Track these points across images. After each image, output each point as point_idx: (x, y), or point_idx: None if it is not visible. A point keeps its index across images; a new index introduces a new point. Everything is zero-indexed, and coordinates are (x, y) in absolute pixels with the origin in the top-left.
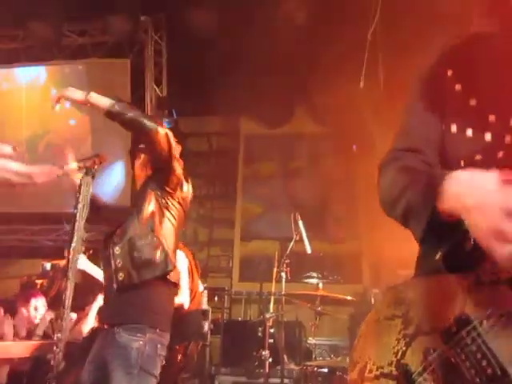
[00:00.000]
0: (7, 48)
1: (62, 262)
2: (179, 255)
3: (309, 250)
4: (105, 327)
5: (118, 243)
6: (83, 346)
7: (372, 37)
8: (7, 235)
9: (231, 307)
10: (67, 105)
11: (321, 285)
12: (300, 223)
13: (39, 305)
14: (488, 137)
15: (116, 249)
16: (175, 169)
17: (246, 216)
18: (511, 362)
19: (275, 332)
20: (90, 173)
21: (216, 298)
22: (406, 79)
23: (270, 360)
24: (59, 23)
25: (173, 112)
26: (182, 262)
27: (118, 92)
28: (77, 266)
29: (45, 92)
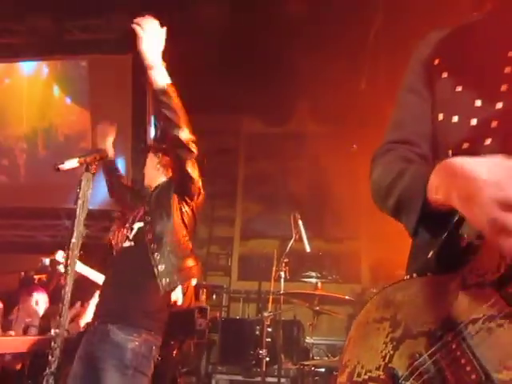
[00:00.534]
0: (9, 43)
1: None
2: None
3: (308, 249)
4: (95, 323)
5: (157, 249)
6: (77, 342)
7: (372, 37)
8: (6, 230)
9: (229, 305)
10: (68, 100)
11: (319, 284)
12: (299, 222)
13: (40, 299)
14: (474, 122)
15: (156, 254)
16: (197, 181)
17: (246, 214)
18: (495, 367)
19: (273, 331)
20: (91, 168)
21: (214, 296)
22: None
23: (268, 359)
24: (61, 18)
25: None
26: None
27: (120, 88)
28: (76, 262)
29: (46, 87)
